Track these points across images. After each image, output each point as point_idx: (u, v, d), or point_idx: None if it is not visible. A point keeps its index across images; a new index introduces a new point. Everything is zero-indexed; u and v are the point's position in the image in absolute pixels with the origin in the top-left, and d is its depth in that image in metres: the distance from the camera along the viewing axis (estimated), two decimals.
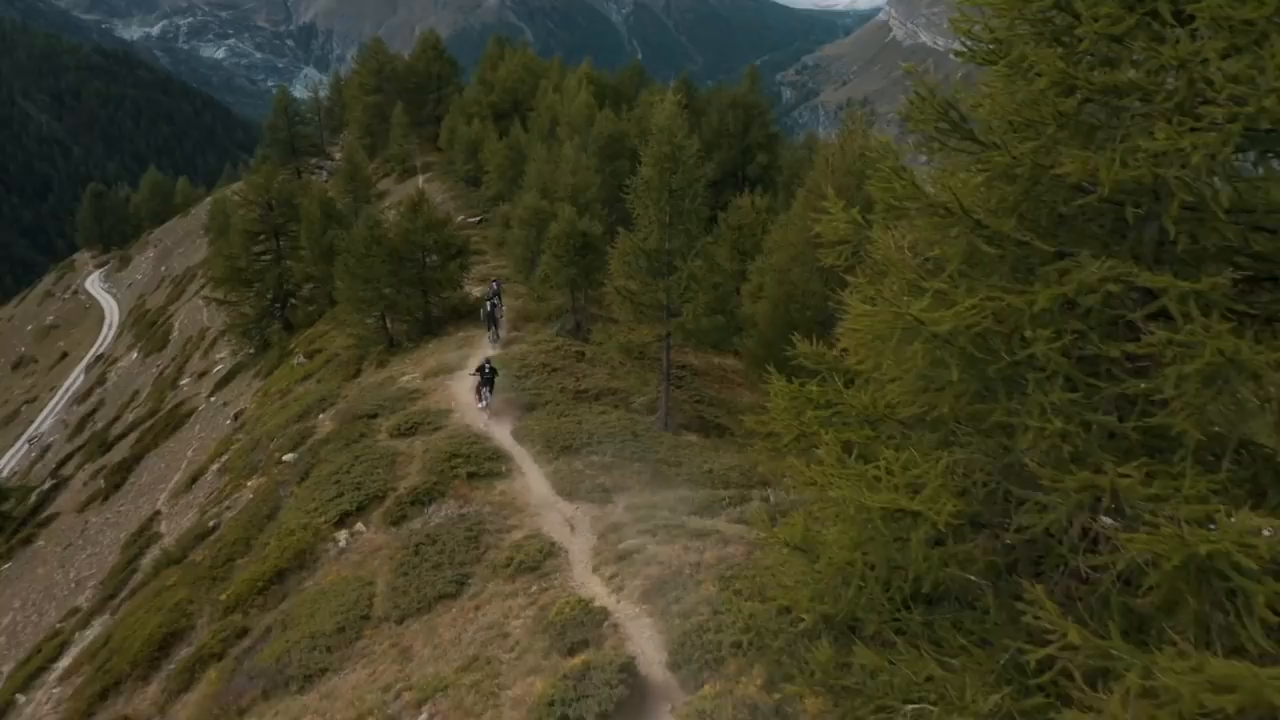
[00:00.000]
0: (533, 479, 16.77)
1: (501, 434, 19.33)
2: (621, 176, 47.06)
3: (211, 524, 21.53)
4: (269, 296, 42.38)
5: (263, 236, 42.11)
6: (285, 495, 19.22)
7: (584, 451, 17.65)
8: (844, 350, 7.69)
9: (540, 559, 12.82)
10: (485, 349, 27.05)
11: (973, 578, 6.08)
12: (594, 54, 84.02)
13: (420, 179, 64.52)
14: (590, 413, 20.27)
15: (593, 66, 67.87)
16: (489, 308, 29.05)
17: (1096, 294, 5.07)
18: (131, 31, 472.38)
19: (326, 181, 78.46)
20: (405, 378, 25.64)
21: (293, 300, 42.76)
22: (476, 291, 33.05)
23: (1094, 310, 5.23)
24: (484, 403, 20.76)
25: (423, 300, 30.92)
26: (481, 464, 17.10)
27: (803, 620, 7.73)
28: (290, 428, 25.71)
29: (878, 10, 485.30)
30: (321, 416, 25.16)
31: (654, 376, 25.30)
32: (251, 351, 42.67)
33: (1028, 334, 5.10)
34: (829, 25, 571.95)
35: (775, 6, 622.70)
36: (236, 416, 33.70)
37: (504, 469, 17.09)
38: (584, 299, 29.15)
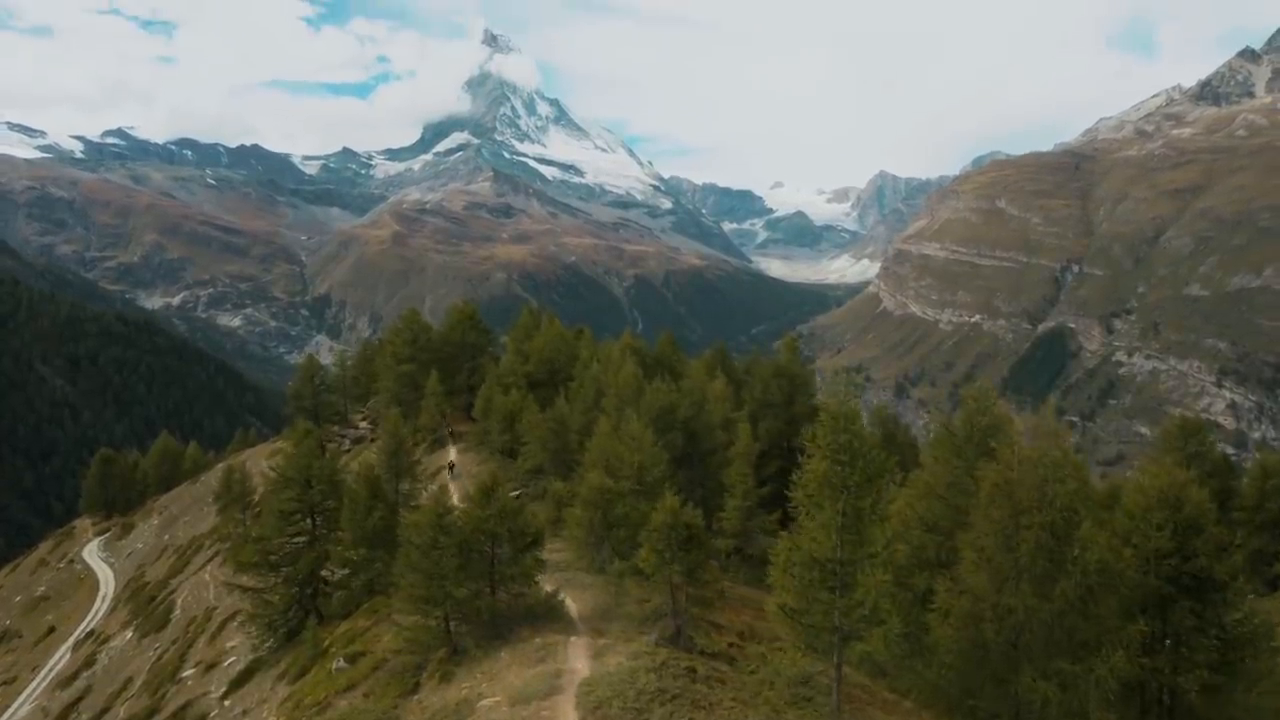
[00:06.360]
0: None
1: None
2: (674, 449, 45.01)
3: None
4: (298, 582, 38.20)
5: (297, 516, 38.63)
6: None
7: None
8: None
9: None
10: (573, 667, 22.92)
11: None
12: (597, 324, 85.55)
13: (453, 450, 62.16)
14: None
15: (596, 336, 67.88)
16: None
17: None
18: (154, 301, 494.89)
19: (348, 451, 76.08)
20: (485, 702, 21.35)
21: (325, 587, 38.60)
22: (549, 587, 29.25)
23: None
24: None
25: (491, 597, 27.07)
26: None
27: None
28: None
29: (868, 283, 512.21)
30: None
31: (783, 700, 21.16)
32: (272, 644, 37.91)
33: None
34: (820, 297, 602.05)
35: (769, 280, 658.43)
36: None
37: None
38: (685, 599, 25.37)
